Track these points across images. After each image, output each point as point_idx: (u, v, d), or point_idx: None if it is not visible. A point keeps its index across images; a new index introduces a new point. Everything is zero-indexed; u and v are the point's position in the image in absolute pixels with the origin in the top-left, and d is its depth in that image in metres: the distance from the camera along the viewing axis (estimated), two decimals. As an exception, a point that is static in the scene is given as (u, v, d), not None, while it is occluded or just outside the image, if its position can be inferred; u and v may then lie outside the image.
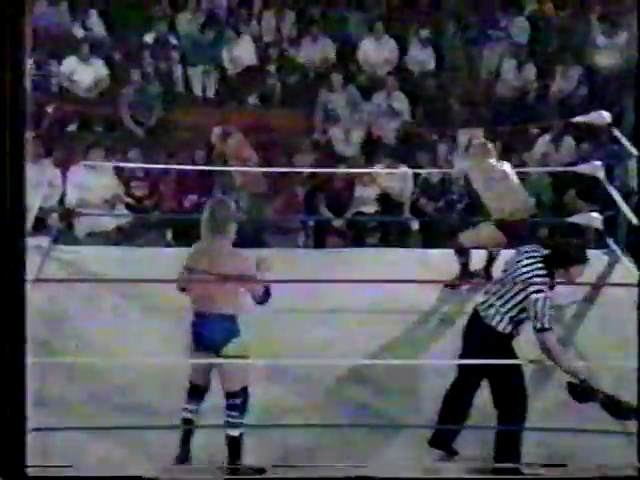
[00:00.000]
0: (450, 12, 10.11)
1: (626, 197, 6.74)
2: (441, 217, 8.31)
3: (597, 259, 6.75)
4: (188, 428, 4.59)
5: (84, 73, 9.49)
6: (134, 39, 9.86)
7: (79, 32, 9.90)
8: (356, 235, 8.48)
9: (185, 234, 8.39)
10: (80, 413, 4.97)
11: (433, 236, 7.96)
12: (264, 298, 4.61)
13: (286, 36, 10.07)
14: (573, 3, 10.27)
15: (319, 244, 8.40)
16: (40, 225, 7.40)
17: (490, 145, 6.42)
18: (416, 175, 8.55)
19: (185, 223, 8.34)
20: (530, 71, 9.71)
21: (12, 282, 3.48)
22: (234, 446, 4.56)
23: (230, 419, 4.56)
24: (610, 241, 6.87)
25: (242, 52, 9.85)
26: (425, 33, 9.83)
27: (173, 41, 9.89)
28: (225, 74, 9.83)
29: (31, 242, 6.33)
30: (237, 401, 4.55)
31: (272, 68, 9.80)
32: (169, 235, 8.39)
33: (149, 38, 9.84)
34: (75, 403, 5.07)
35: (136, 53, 9.74)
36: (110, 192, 8.39)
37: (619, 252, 6.74)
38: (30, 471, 3.59)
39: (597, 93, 9.38)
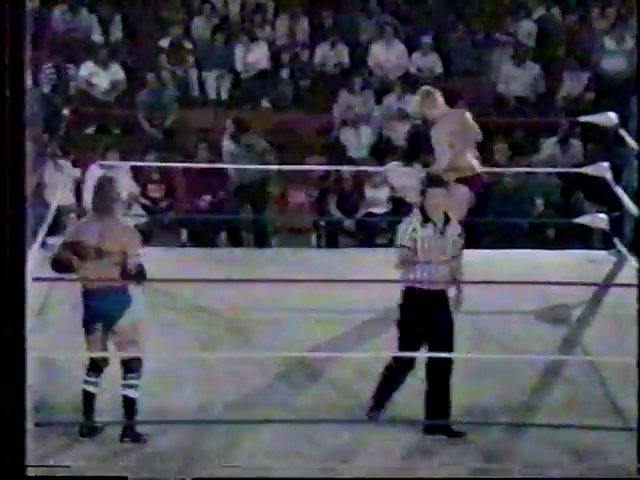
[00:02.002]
0: (458, 16, 10.19)
1: (633, 198, 6.79)
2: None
3: (604, 259, 6.83)
4: (90, 400, 4.80)
5: (102, 77, 9.62)
6: (150, 43, 10.00)
7: (97, 37, 10.04)
8: (366, 236, 8.57)
9: (200, 234, 8.53)
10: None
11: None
12: (137, 278, 4.72)
13: (299, 40, 10.19)
14: (581, 7, 10.35)
15: (332, 244, 8.51)
16: (58, 225, 7.51)
17: (435, 93, 6.28)
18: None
19: (200, 224, 8.47)
20: (538, 75, 9.78)
21: (12, 281, 3.52)
22: (131, 406, 4.80)
23: (129, 382, 4.80)
24: (617, 241, 6.92)
25: (256, 56, 9.96)
26: (427, 39, 9.92)
27: (188, 45, 10.02)
28: (239, 78, 9.94)
29: (49, 242, 6.55)
30: (134, 367, 4.80)
31: (285, 72, 9.91)
32: (184, 235, 8.51)
33: (164, 43, 9.98)
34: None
35: (152, 57, 9.87)
36: (126, 192, 8.51)
37: (626, 252, 6.79)
38: (30, 471, 3.65)
39: (604, 96, 9.43)
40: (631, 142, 6.81)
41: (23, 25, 3.44)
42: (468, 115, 6.39)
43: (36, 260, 5.90)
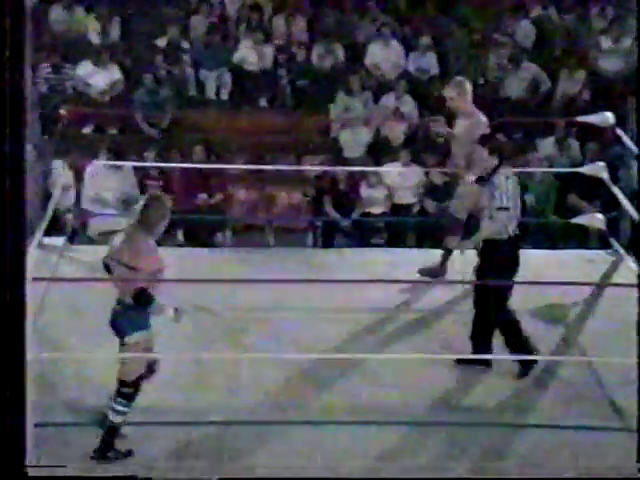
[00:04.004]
0: (456, 17, 10.20)
1: (630, 198, 6.81)
2: (446, 217, 8.38)
3: (601, 259, 6.84)
4: (114, 432, 4.66)
5: (99, 77, 9.62)
6: (147, 43, 10.00)
7: (94, 37, 10.04)
8: (363, 235, 8.58)
9: (196, 234, 8.54)
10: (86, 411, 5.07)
11: (438, 236, 8.03)
12: (141, 300, 4.57)
13: (296, 40, 10.19)
14: (578, 7, 10.36)
15: (328, 244, 8.51)
16: (56, 225, 7.52)
17: (468, 84, 6.34)
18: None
19: (196, 223, 8.48)
20: (536, 75, 9.79)
21: (12, 281, 3.54)
22: (111, 430, 4.64)
23: (116, 406, 4.64)
24: (613, 241, 6.93)
25: (253, 55, 9.96)
26: (426, 40, 9.92)
27: (185, 45, 10.02)
28: (236, 77, 9.94)
29: (47, 242, 6.55)
30: (127, 390, 4.64)
31: (283, 71, 9.91)
32: (180, 235, 8.52)
33: (161, 42, 9.98)
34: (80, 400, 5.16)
35: (149, 57, 9.87)
36: (125, 192, 8.51)
37: (622, 252, 6.80)
38: (30, 471, 3.65)
39: (601, 96, 9.44)
40: (628, 142, 6.82)
41: (23, 25, 3.45)
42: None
43: (33, 260, 5.90)
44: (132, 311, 4.62)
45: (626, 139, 6.86)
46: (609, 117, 6.78)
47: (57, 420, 4.82)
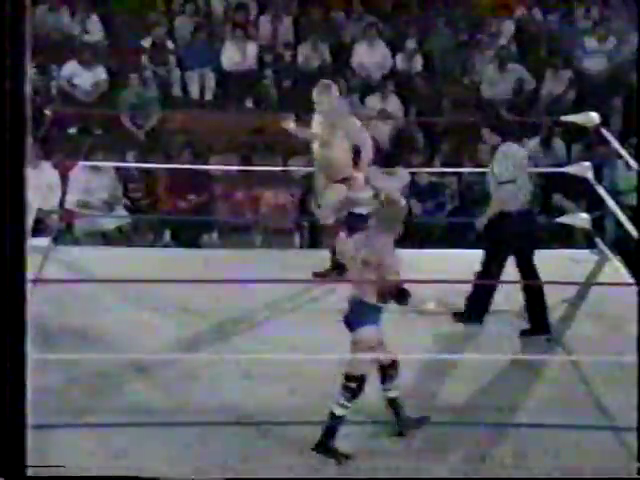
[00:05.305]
0: (441, 17, 10.23)
1: (614, 197, 6.84)
2: (430, 218, 8.43)
3: (586, 258, 6.87)
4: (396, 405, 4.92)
5: (84, 77, 9.60)
6: (132, 44, 9.99)
7: (79, 37, 10.01)
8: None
9: (182, 235, 8.54)
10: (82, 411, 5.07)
11: (422, 237, 8.05)
12: (398, 298, 4.76)
13: (282, 40, 10.19)
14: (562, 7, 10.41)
15: (314, 245, 8.52)
16: (40, 226, 7.49)
17: (333, 87, 6.28)
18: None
19: (182, 224, 8.47)
20: (521, 75, 9.83)
21: (13, 281, 3.55)
22: (334, 424, 4.75)
23: (341, 399, 4.73)
24: (598, 241, 6.96)
25: (238, 56, 9.96)
26: (412, 41, 9.94)
27: (170, 45, 10.01)
28: (222, 78, 9.94)
29: (31, 243, 6.52)
30: (351, 385, 4.73)
31: (268, 72, 9.91)
32: (167, 236, 8.51)
33: (146, 42, 9.96)
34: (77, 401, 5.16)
35: (134, 57, 9.86)
36: (110, 193, 8.50)
37: (607, 252, 6.83)
38: (30, 471, 3.62)
39: (585, 96, 9.48)
40: (612, 141, 6.86)
41: (23, 24, 3.44)
42: None
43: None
44: (365, 307, 4.72)
45: (611, 138, 6.89)
46: (594, 117, 6.81)
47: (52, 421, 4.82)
